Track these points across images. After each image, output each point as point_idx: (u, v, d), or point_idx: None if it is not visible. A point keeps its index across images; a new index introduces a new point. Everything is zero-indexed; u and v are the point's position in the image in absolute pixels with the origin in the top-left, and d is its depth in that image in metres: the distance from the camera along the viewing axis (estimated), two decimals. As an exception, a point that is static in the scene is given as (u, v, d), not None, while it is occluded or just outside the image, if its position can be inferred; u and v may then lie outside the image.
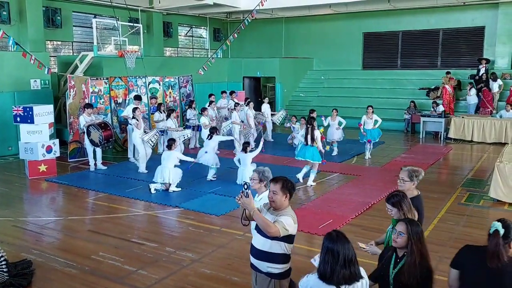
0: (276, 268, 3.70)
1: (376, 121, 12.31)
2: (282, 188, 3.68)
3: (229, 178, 10.09)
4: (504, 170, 8.30)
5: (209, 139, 10.28)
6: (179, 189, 9.39)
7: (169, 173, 9.14)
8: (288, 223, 3.59)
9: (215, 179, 10.11)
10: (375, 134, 12.39)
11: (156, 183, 9.28)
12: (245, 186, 3.58)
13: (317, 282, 2.96)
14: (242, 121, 13.99)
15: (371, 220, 7.73)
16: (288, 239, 3.67)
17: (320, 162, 9.75)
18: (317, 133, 9.69)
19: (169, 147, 9.39)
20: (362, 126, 12.21)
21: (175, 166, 9.36)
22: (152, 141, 10.95)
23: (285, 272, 3.75)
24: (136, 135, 10.94)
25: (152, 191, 9.21)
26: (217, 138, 10.40)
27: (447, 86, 16.85)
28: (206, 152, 10.15)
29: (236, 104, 13.52)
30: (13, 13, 15.06)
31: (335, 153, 12.74)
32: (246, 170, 9.10)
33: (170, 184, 9.23)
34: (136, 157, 11.56)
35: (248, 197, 3.54)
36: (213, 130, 10.42)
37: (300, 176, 9.96)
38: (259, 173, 4.54)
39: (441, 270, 5.72)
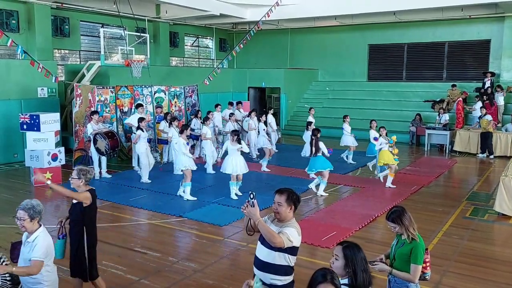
0: (280, 280, 3.68)
1: None
2: (287, 200, 3.67)
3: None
4: (509, 184, 8.25)
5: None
6: (195, 198, 9.46)
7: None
8: (292, 234, 3.58)
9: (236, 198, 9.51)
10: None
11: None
12: (251, 196, 3.56)
13: None
14: (246, 131, 14.05)
15: (375, 232, 7.71)
16: (292, 250, 3.66)
17: (331, 169, 9.89)
18: (321, 144, 9.77)
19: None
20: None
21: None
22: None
23: (288, 285, 3.72)
24: (141, 145, 10.99)
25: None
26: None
27: (461, 100, 16.83)
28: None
29: (231, 114, 13.57)
30: (22, 21, 15.24)
31: (350, 160, 13.25)
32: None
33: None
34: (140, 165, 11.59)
35: (253, 206, 3.53)
36: (236, 133, 9.67)
37: (313, 186, 10.01)
38: (29, 210, 3.98)
39: (446, 284, 5.70)
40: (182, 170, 9.49)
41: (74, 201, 4.86)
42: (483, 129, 14.45)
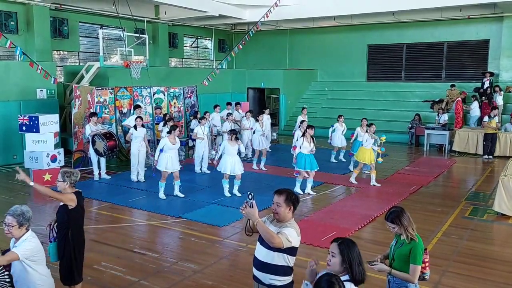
0: (279, 280, 3.69)
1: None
2: (286, 200, 3.67)
3: (231, 189, 10.02)
4: (509, 184, 8.26)
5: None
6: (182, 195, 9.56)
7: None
8: (291, 235, 3.58)
9: (229, 195, 9.70)
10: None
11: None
12: (250, 197, 3.57)
13: None
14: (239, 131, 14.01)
15: (374, 233, 7.71)
16: (291, 251, 3.66)
17: (299, 169, 9.89)
18: (300, 141, 9.89)
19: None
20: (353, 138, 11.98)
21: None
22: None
23: (287, 285, 3.73)
24: (132, 145, 11.07)
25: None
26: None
27: (460, 100, 16.82)
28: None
29: (229, 114, 13.59)
30: (20, 23, 15.24)
31: (333, 158, 13.47)
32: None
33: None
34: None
35: (252, 207, 3.54)
36: (234, 132, 9.82)
37: (308, 190, 9.98)
38: (18, 216, 3.90)
39: (445, 284, 5.71)
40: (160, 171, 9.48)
41: (61, 203, 4.81)
42: (492, 130, 14.32)
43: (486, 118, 14.34)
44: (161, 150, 9.52)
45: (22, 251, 3.81)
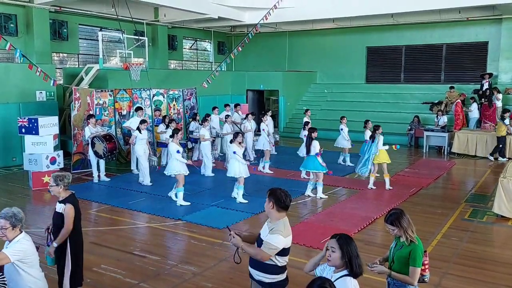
0: (267, 278, 3.80)
1: None
2: (269, 196, 3.83)
3: (231, 191, 10.01)
4: (508, 185, 8.26)
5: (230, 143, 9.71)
6: (188, 203, 9.30)
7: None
8: (276, 241, 3.70)
9: (246, 202, 9.37)
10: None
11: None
12: (228, 229, 3.95)
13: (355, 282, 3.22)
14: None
15: (374, 235, 7.71)
16: (281, 252, 3.76)
17: (324, 172, 9.78)
18: (315, 144, 9.77)
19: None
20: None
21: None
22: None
23: (276, 283, 3.82)
24: (137, 147, 11.01)
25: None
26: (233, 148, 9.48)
27: (460, 102, 16.83)
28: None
29: (227, 116, 13.59)
30: (20, 25, 15.25)
31: (348, 163, 13.24)
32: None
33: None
34: (138, 169, 11.56)
35: (234, 237, 3.83)
36: (236, 135, 9.64)
37: (308, 192, 9.98)
38: (10, 218, 3.87)
39: (444, 287, 5.71)
40: (174, 175, 9.33)
41: (58, 210, 4.76)
42: (504, 133, 14.03)
43: (507, 121, 14.11)
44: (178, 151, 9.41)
45: (12, 253, 3.77)
